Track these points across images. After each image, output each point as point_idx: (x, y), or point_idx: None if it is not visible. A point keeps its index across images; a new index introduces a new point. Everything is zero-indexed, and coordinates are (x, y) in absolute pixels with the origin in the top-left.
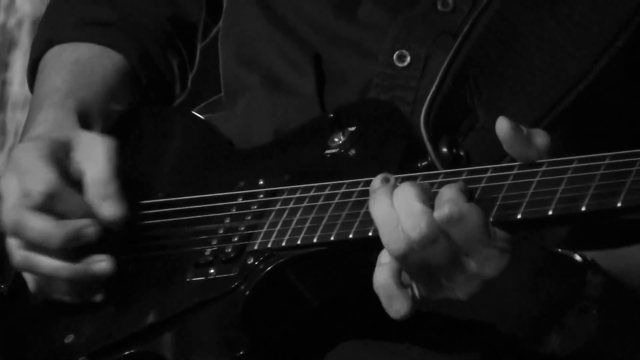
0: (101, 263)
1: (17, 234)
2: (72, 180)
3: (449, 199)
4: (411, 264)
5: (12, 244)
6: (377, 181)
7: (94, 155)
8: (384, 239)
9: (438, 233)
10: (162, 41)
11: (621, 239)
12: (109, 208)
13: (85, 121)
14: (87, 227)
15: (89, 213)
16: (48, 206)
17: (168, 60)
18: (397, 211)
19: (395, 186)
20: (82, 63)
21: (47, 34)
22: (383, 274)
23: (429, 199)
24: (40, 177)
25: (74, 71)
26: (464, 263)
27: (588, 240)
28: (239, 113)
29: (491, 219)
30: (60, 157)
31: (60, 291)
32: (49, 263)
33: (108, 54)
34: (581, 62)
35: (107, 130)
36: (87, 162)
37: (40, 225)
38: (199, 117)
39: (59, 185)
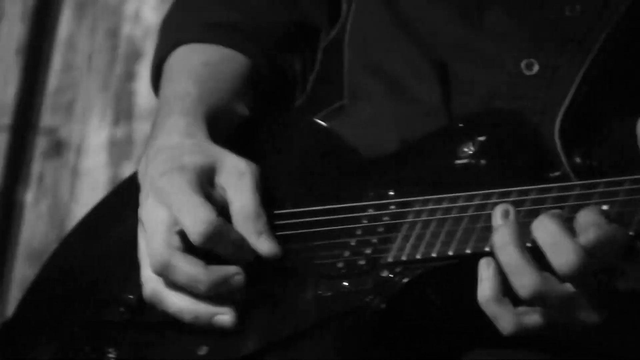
0: (226, 316)
1: (164, 274)
2: (216, 206)
3: (592, 223)
4: (554, 297)
5: (147, 275)
6: (497, 217)
7: (241, 185)
8: (513, 280)
9: (588, 261)
10: (286, 45)
11: None
12: (266, 244)
13: (213, 128)
14: (236, 276)
15: (240, 245)
16: (203, 246)
17: (292, 64)
18: (543, 247)
19: (516, 219)
20: (211, 65)
21: (174, 35)
22: (485, 292)
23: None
24: (199, 217)
25: (203, 74)
26: (608, 284)
27: None
28: (364, 121)
29: (631, 233)
30: (205, 184)
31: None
32: (173, 303)
33: (235, 57)
34: None
35: (231, 133)
36: (233, 191)
37: (192, 270)
38: (323, 125)
39: (219, 225)
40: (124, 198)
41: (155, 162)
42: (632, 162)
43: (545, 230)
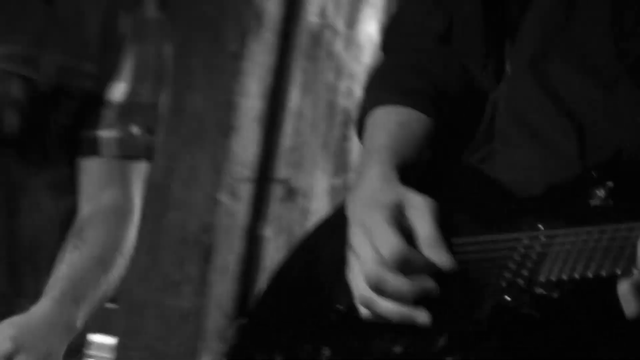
0: (422, 315)
1: (377, 286)
2: (405, 233)
3: None
4: None
5: (362, 286)
6: None
7: (423, 216)
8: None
9: None
10: (460, 106)
11: None
12: (445, 259)
13: (403, 175)
14: (429, 283)
15: (425, 264)
16: (397, 266)
17: (467, 126)
18: None
19: None
20: (403, 124)
21: (374, 98)
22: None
23: None
24: (391, 245)
25: (397, 132)
26: None
27: None
28: (513, 166)
29: None
30: (398, 217)
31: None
32: (386, 307)
33: (421, 118)
34: None
35: (415, 178)
36: (418, 221)
37: (400, 283)
38: (481, 170)
39: (406, 251)
40: (333, 227)
41: (360, 202)
42: None
43: None
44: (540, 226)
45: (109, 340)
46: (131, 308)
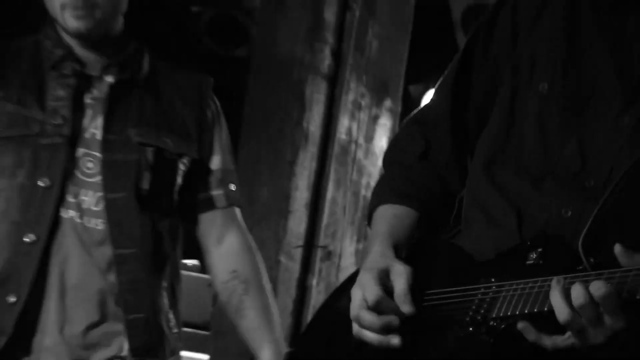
0: (394, 339)
1: (359, 322)
2: (389, 291)
3: (600, 295)
4: (575, 327)
5: (354, 324)
6: (554, 282)
7: (399, 278)
8: (557, 313)
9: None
10: (439, 204)
11: None
12: (406, 307)
13: (396, 250)
14: (394, 320)
15: (394, 309)
16: (374, 307)
17: (442, 215)
18: (574, 301)
19: (564, 285)
20: (397, 217)
21: (379, 198)
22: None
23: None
24: (372, 292)
25: (393, 223)
26: (606, 323)
27: None
28: (473, 239)
29: (623, 296)
30: (383, 278)
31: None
32: (365, 334)
33: (410, 212)
34: None
35: (406, 251)
36: (396, 282)
37: (369, 318)
38: (452, 243)
39: (380, 297)
40: (351, 282)
41: (364, 268)
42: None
43: (575, 292)
44: (492, 279)
45: (202, 357)
46: (221, 330)
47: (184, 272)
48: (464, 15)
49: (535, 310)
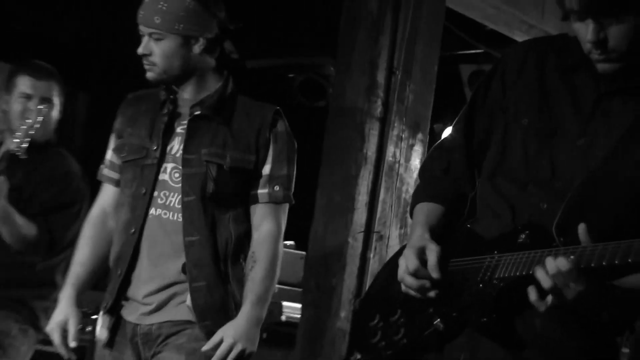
0: (428, 293)
1: (402, 282)
2: (425, 262)
3: (561, 266)
4: (554, 290)
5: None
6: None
7: (432, 253)
8: (541, 279)
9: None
10: (457, 202)
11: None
12: (435, 275)
13: (431, 233)
14: (426, 284)
15: (427, 275)
16: (414, 273)
17: (459, 210)
18: (550, 272)
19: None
20: (430, 210)
21: (417, 198)
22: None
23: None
24: (412, 263)
25: (428, 214)
26: (571, 286)
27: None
28: (484, 226)
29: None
30: (421, 253)
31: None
32: (410, 291)
33: (439, 208)
34: None
35: (438, 235)
36: (429, 255)
37: (410, 281)
38: (469, 227)
39: (417, 266)
40: (397, 256)
41: (407, 245)
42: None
43: (548, 264)
44: (495, 252)
45: (297, 305)
46: (307, 288)
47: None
48: (470, 77)
49: (524, 273)
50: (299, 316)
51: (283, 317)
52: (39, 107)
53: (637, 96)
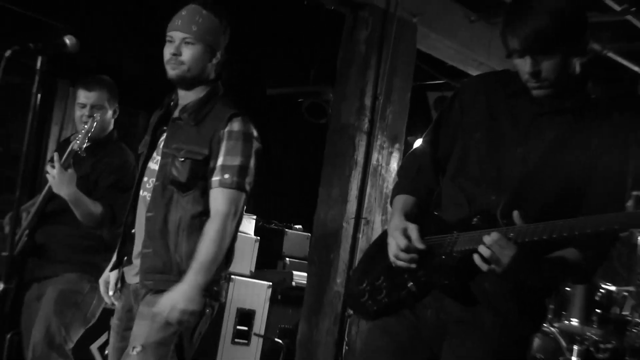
0: (413, 264)
1: (396, 257)
2: (408, 239)
3: (495, 237)
4: (492, 258)
5: (391, 254)
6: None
7: (413, 231)
8: (482, 249)
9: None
10: (427, 195)
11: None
12: (421, 246)
13: (407, 217)
14: (415, 256)
15: (414, 248)
16: (405, 249)
17: (428, 201)
18: (487, 243)
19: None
20: (406, 201)
21: (395, 192)
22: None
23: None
24: (402, 241)
25: (404, 204)
26: (503, 253)
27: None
28: (447, 213)
29: (520, 241)
30: (404, 232)
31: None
32: (400, 263)
33: (413, 199)
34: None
35: (413, 219)
36: (412, 233)
37: (404, 255)
38: (436, 214)
39: (407, 243)
40: (383, 237)
41: (390, 228)
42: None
43: (485, 239)
44: (455, 232)
45: (304, 274)
46: (312, 261)
47: (293, 232)
48: (435, 101)
49: (475, 247)
50: (305, 282)
51: (293, 283)
52: (93, 114)
53: (561, 116)
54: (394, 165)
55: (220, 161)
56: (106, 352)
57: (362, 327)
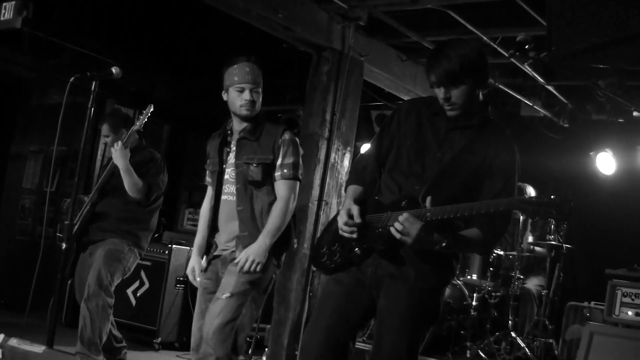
0: (354, 234)
1: (342, 228)
2: (351, 216)
3: (407, 217)
4: (403, 231)
5: (339, 226)
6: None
7: (355, 209)
8: (396, 225)
9: (407, 224)
10: (371, 185)
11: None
12: (358, 220)
13: (355, 201)
14: (354, 228)
15: (354, 222)
16: (346, 222)
17: (372, 189)
18: (400, 220)
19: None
20: (356, 189)
21: (348, 183)
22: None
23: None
24: (343, 218)
25: (354, 191)
26: (412, 227)
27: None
28: (384, 197)
29: (427, 219)
30: (349, 211)
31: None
32: (345, 234)
33: (360, 188)
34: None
35: (360, 203)
36: (354, 211)
37: (346, 228)
38: (377, 199)
39: (348, 219)
40: (335, 216)
41: (341, 208)
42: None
43: (399, 217)
44: (389, 211)
45: None
46: None
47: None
48: (376, 117)
49: (390, 224)
50: None
51: None
52: (111, 141)
53: (467, 130)
54: (346, 162)
55: (280, 161)
56: (138, 294)
57: (322, 279)
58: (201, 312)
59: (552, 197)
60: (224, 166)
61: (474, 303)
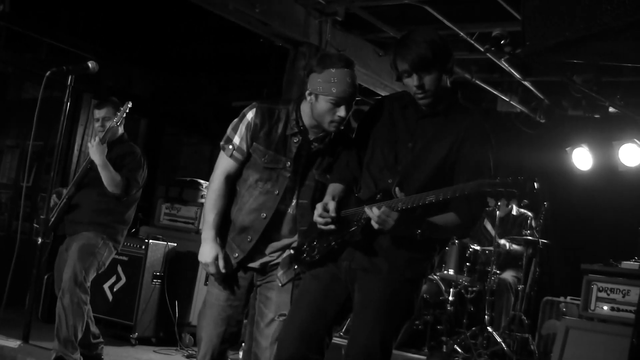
0: (330, 227)
1: (317, 220)
2: (327, 210)
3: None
4: (379, 222)
5: (316, 219)
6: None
7: (331, 204)
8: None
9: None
10: (352, 182)
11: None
12: (333, 214)
13: (333, 198)
14: (329, 221)
15: (329, 215)
16: (321, 215)
17: (352, 186)
18: (377, 212)
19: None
20: (337, 186)
21: (330, 180)
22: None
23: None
24: (319, 210)
25: (335, 188)
26: (388, 219)
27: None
28: (362, 193)
29: (399, 209)
30: (326, 206)
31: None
32: (321, 226)
33: (340, 186)
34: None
35: (339, 199)
36: (330, 206)
37: (320, 220)
38: (357, 195)
39: (322, 212)
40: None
41: (322, 202)
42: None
43: (379, 209)
44: (365, 206)
45: None
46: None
47: None
48: (354, 113)
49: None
50: None
51: None
52: (104, 124)
53: (436, 117)
54: None
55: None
56: (115, 289)
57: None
58: (222, 319)
59: (518, 177)
60: (297, 172)
61: (450, 298)
